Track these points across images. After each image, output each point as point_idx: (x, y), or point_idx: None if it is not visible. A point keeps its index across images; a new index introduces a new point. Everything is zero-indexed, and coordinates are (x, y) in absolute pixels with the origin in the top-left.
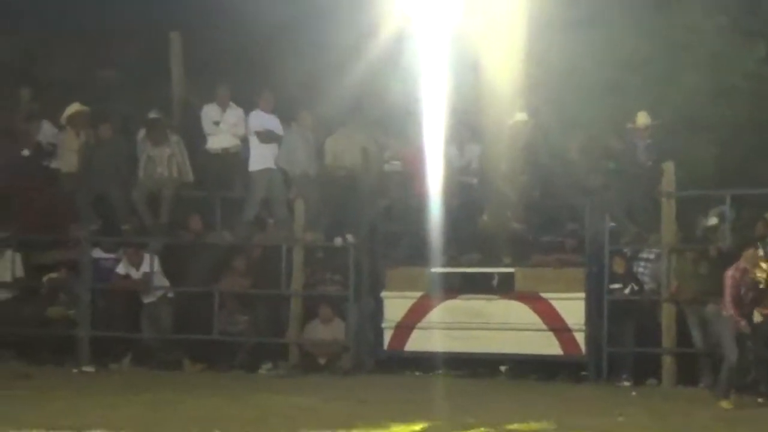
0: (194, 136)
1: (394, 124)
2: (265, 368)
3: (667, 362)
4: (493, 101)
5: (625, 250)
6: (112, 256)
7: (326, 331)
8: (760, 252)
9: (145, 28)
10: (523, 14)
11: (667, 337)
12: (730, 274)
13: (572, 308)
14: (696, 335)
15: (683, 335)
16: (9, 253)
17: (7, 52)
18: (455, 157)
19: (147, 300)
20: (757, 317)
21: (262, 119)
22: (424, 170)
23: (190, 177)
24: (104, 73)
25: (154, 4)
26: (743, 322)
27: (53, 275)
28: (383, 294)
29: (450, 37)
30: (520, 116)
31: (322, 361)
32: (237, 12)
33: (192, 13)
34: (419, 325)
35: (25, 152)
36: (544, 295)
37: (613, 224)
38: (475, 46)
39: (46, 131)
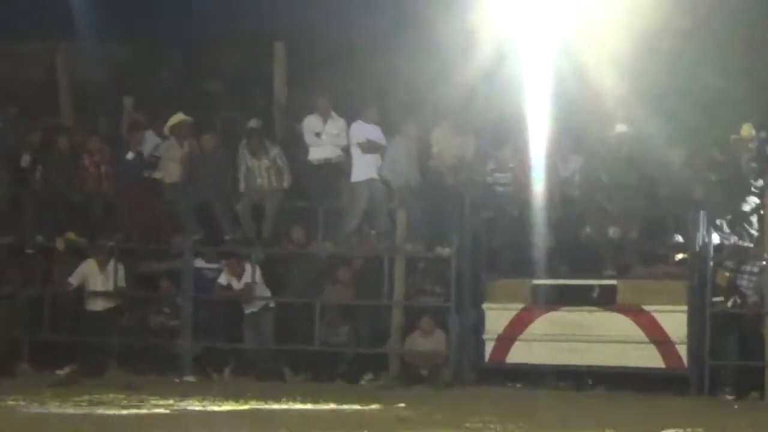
0: (296, 147)
1: (498, 135)
2: (366, 379)
3: None
4: (595, 112)
5: (729, 263)
6: (214, 266)
7: (427, 342)
8: None
9: (249, 38)
10: (627, 24)
11: None
12: None
13: (674, 321)
14: None
15: None
16: (112, 262)
17: (113, 61)
18: (559, 169)
19: (249, 310)
20: None
21: (364, 130)
22: (528, 182)
23: (287, 184)
24: (207, 84)
25: (259, 14)
26: None
27: (156, 285)
28: (485, 305)
29: (553, 47)
30: (622, 128)
31: (423, 372)
32: (339, 22)
33: (296, 23)
34: (521, 337)
35: (130, 155)
36: (646, 307)
37: (717, 236)
38: (578, 56)
39: (149, 141)
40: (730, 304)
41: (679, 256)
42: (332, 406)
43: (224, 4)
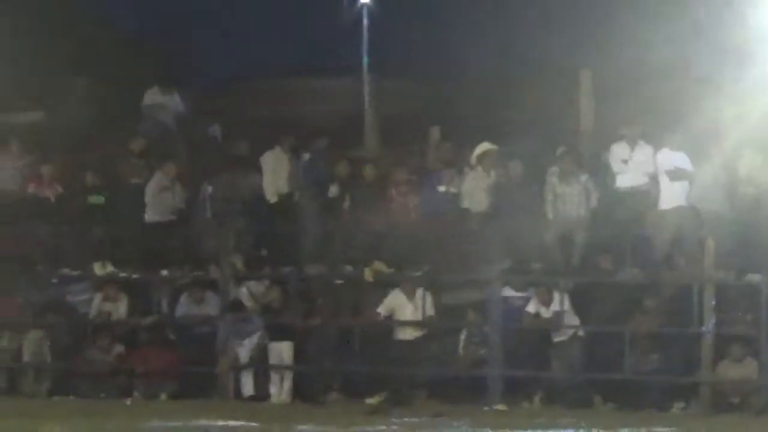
0: (604, 175)
1: None
2: (677, 407)
3: None
4: None
5: None
6: (522, 294)
7: (738, 370)
8: None
9: (555, 67)
10: None
11: None
12: None
13: None
14: None
15: None
16: (420, 291)
17: (418, 94)
18: None
19: (557, 339)
20: None
21: (672, 157)
22: None
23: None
24: (512, 114)
25: (565, 44)
26: None
27: (464, 315)
28: None
29: None
30: None
31: (734, 400)
32: (643, 48)
33: (602, 51)
34: None
35: (441, 188)
36: None
37: None
38: None
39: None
40: None
41: None
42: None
43: (530, 37)
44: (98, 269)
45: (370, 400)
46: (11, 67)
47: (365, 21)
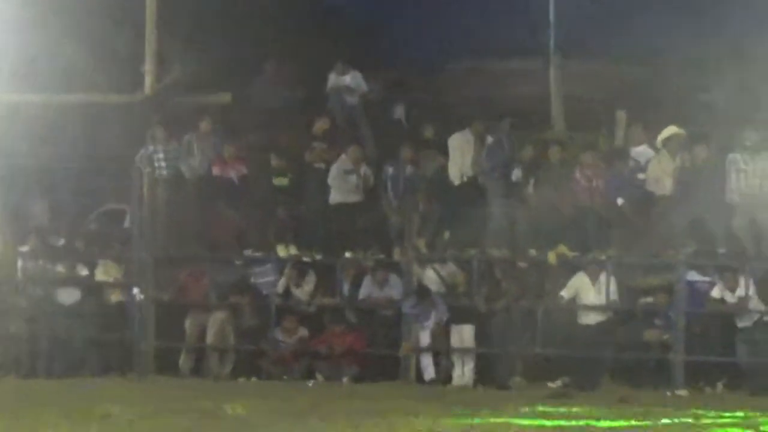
0: None
1: None
2: None
3: None
4: None
5: None
6: (707, 279)
7: None
8: None
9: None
10: None
11: None
12: None
13: None
14: None
15: None
16: (603, 275)
17: (609, 78)
18: None
19: (742, 324)
20: None
21: None
22: None
23: None
24: (705, 96)
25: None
26: None
27: (649, 299)
28: None
29: None
30: None
31: None
32: None
33: None
34: None
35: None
36: None
37: None
38: None
39: (641, 153)
40: None
41: None
42: None
43: (727, 20)
44: (282, 251)
45: (553, 384)
46: (201, 49)
47: (551, 3)
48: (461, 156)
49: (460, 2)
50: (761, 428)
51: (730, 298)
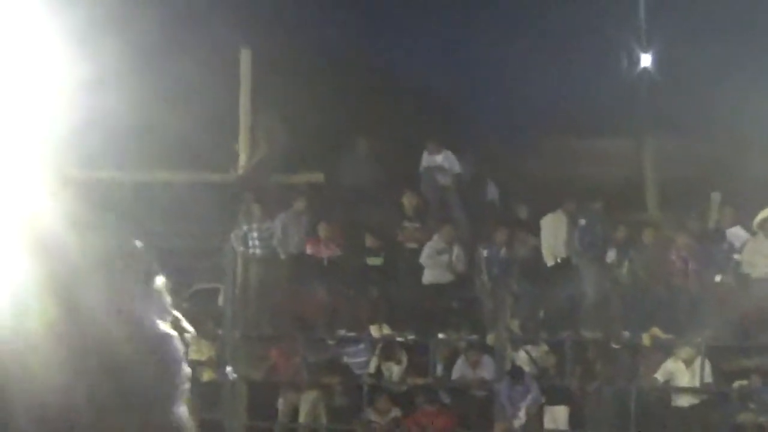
0: None
1: None
2: None
3: None
4: None
5: None
6: None
7: None
8: None
9: None
10: None
11: None
12: None
13: None
14: None
15: None
16: (699, 358)
17: (701, 157)
18: None
19: None
20: None
21: None
22: None
23: None
24: None
25: None
26: None
27: (743, 382)
28: None
29: None
30: None
31: None
32: None
33: None
34: None
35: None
36: None
37: None
38: None
39: (735, 234)
40: None
41: None
42: None
43: None
44: (375, 331)
45: None
46: (294, 128)
47: (644, 83)
48: (554, 237)
49: (552, 79)
50: None
51: None
